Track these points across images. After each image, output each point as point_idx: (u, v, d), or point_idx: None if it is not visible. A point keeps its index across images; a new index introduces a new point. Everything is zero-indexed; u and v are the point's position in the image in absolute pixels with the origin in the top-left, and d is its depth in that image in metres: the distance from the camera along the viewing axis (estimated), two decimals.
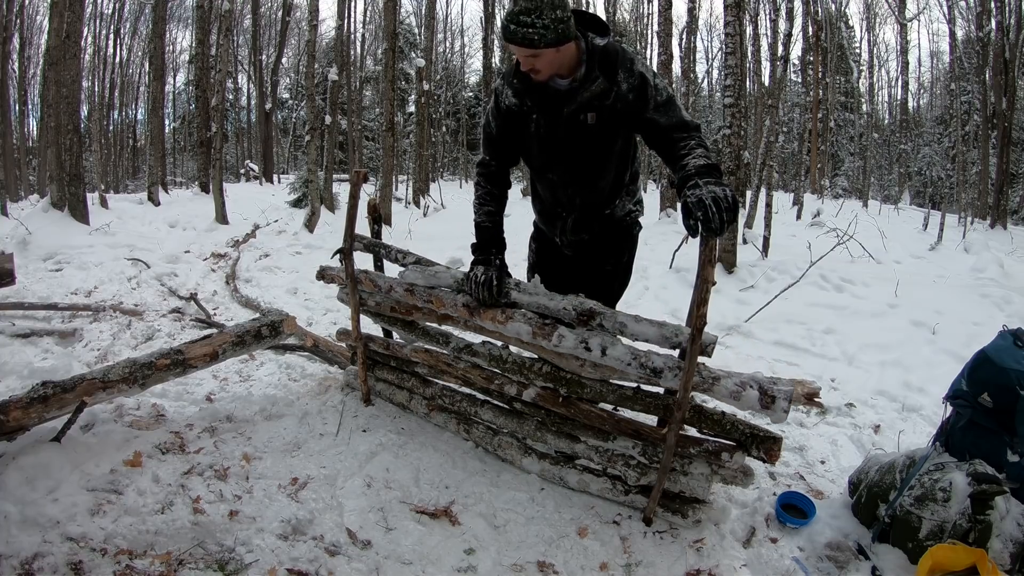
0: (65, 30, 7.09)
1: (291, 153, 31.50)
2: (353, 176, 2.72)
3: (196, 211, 9.33)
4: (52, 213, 6.97)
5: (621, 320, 2.01)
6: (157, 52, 12.79)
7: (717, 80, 29.59)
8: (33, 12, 21.17)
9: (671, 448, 2.00)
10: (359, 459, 2.45)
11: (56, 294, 4.74)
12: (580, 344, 2.05)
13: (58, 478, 2.06)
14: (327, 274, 2.89)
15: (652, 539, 2.10)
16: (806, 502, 2.23)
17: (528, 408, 2.41)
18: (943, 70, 23.27)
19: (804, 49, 13.07)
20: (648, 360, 1.97)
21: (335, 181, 11.98)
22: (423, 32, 19.99)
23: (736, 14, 6.01)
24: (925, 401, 3.27)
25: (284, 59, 26.44)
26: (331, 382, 3.17)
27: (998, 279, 5.90)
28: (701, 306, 1.79)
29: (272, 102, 24.35)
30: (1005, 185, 12.83)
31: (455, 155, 31.86)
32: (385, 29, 9.74)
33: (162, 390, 2.86)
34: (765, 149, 8.17)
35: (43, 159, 15.91)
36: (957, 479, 1.89)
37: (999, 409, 1.99)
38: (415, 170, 14.50)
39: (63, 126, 7.15)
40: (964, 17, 16.12)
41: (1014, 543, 1.82)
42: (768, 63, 14.12)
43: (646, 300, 5.24)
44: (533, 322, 2.15)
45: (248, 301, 4.85)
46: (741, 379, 1.90)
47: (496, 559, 1.99)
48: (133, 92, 27.23)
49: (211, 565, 1.84)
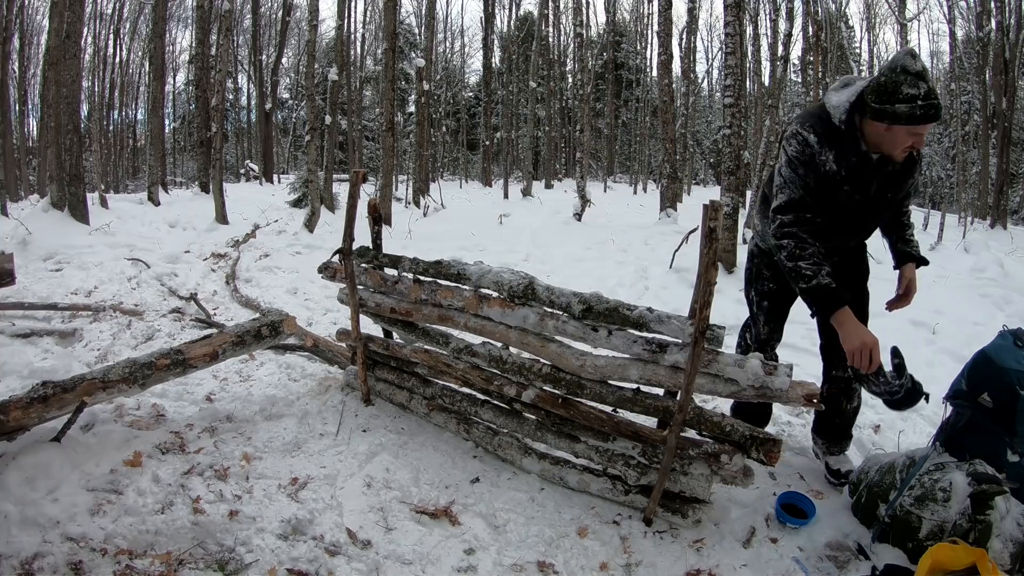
0: (65, 30, 7.09)
1: (291, 153, 31.51)
2: (353, 176, 2.73)
3: (196, 211, 9.33)
4: (52, 213, 6.97)
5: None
6: (157, 52, 12.80)
7: (717, 80, 29.61)
8: (33, 12, 21.19)
9: (671, 449, 2.01)
10: (359, 459, 2.45)
11: (56, 294, 4.74)
12: (587, 327, 2.10)
13: (58, 478, 2.06)
14: (329, 266, 2.90)
15: (652, 539, 2.10)
16: (806, 502, 2.23)
17: (528, 408, 2.41)
18: (943, 70, 23.24)
19: (804, 49, 13.05)
20: (653, 337, 2.01)
21: (335, 181, 11.98)
22: (423, 32, 20.00)
23: (736, 14, 6.01)
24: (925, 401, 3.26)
25: (284, 59, 26.46)
26: (331, 382, 3.16)
27: (998, 279, 5.90)
28: (704, 308, 1.79)
29: (272, 102, 24.36)
30: (1005, 185, 12.83)
31: (455, 155, 31.86)
32: (385, 29, 9.74)
33: (162, 390, 2.86)
34: (765, 149, 8.16)
35: (43, 159, 15.90)
36: (957, 479, 1.89)
37: (999, 409, 1.99)
38: (415, 170, 14.50)
39: (63, 126, 7.15)
40: (964, 17, 16.12)
41: (1014, 543, 1.82)
42: (768, 63, 14.12)
43: (646, 300, 5.23)
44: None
45: (248, 301, 4.85)
46: (739, 356, 1.95)
47: (496, 559, 1.99)
48: (133, 92, 27.23)
49: (211, 565, 1.84)
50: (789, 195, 2.05)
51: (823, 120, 2.02)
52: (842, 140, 2.00)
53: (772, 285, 2.48)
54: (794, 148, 2.04)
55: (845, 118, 1.96)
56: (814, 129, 2.02)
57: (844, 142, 2.00)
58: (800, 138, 2.03)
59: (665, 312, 1.99)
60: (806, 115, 2.10)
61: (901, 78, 1.82)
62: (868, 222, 2.21)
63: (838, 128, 1.98)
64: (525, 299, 2.28)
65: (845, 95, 1.98)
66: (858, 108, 1.95)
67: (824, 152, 2.01)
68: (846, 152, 2.00)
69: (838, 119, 1.98)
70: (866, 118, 1.93)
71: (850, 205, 2.08)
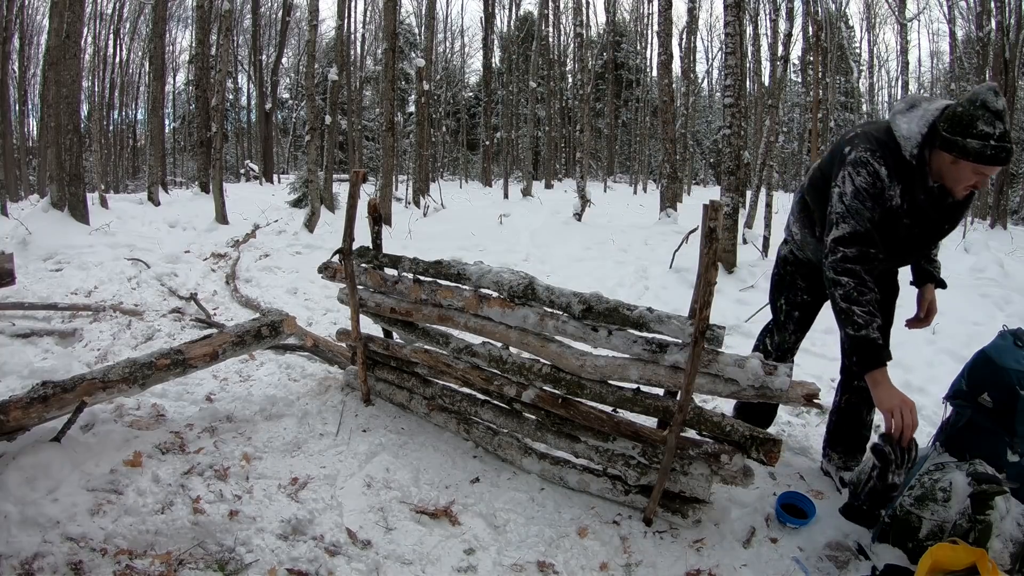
0: (65, 30, 7.09)
1: (291, 153, 31.52)
2: (353, 176, 2.72)
3: (196, 211, 9.34)
4: (52, 213, 6.97)
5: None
6: (157, 52, 12.79)
7: (717, 80, 29.63)
8: (33, 12, 21.19)
9: (671, 450, 2.00)
10: (359, 459, 2.45)
11: (56, 294, 4.74)
12: (587, 327, 2.10)
13: (58, 478, 2.06)
14: (329, 266, 2.90)
15: (652, 539, 2.10)
16: (806, 502, 2.23)
17: (528, 408, 2.41)
18: (943, 70, 23.27)
19: (804, 49, 13.05)
20: (653, 338, 2.01)
21: (335, 181, 11.99)
22: (423, 32, 20.00)
23: (736, 14, 6.01)
24: (925, 401, 3.26)
25: (284, 59, 26.47)
26: (331, 382, 3.16)
27: (998, 279, 5.90)
28: (704, 308, 1.79)
29: (272, 102, 24.37)
30: (1005, 185, 12.82)
31: (455, 155, 31.88)
32: (385, 29, 9.74)
33: (162, 390, 2.86)
34: (765, 149, 8.16)
35: (43, 159, 15.91)
36: (957, 479, 1.89)
37: (999, 409, 1.99)
38: (415, 170, 14.50)
39: (63, 126, 7.15)
40: (964, 17, 16.12)
41: (1014, 543, 1.82)
42: (768, 63, 14.11)
43: (646, 300, 5.23)
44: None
45: (248, 301, 4.85)
46: (739, 356, 1.94)
47: (496, 559, 1.99)
48: (133, 92, 27.24)
49: (211, 565, 1.84)
50: (854, 227, 1.92)
51: (893, 152, 1.92)
52: (911, 175, 1.92)
53: (806, 296, 2.42)
54: (864, 179, 1.92)
55: (917, 152, 1.88)
56: (885, 162, 1.91)
57: (913, 177, 1.92)
58: (871, 169, 1.91)
59: (665, 312, 1.99)
60: (875, 141, 1.95)
61: (979, 113, 1.75)
62: (918, 251, 2.17)
63: (908, 163, 1.90)
64: (525, 299, 2.28)
65: (916, 124, 1.89)
66: (929, 139, 1.87)
67: (893, 187, 1.92)
68: (913, 187, 1.93)
69: (909, 152, 1.89)
70: (935, 147, 1.85)
71: (907, 237, 2.02)
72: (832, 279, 1.96)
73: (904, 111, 1.95)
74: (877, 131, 1.99)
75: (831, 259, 1.96)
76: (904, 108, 1.96)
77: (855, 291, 1.90)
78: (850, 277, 1.91)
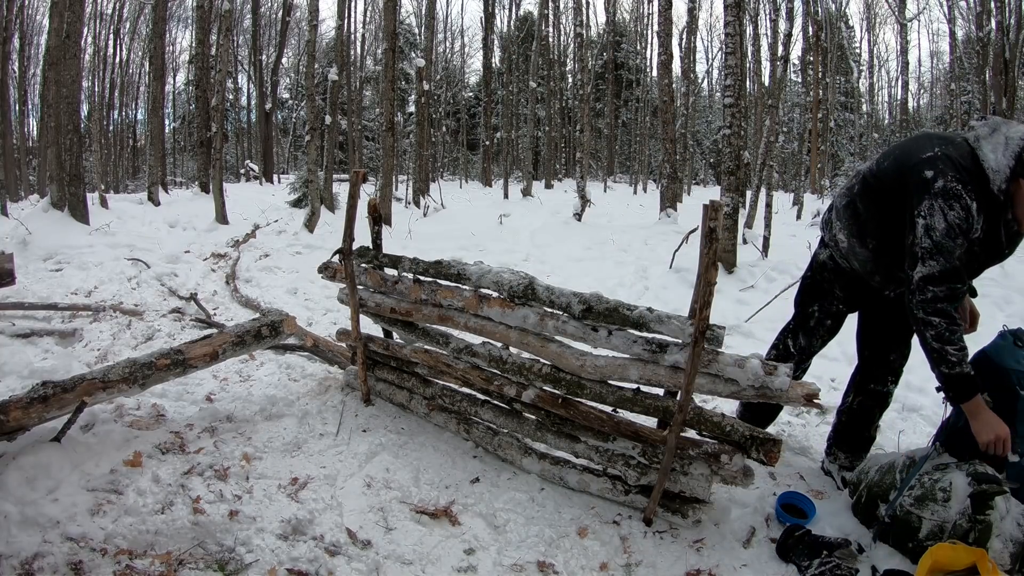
0: (65, 30, 7.09)
1: (291, 153, 31.51)
2: (353, 176, 2.73)
3: (196, 211, 9.33)
4: (52, 213, 6.97)
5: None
6: (157, 52, 12.79)
7: (717, 80, 29.65)
8: (33, 12, 21.19)
9: (672, 450, 2.00)
10: (359, 459, 2.45)
11: (56, 294, 4.74)
12: (587, 327, 2.10)
13: (58, 478, 2.06)
14: (329, 266, 2.90)
15: (652, 539, 2.10)
16: (806, 502, 2.23)
17: (528, 408, 2.41)
18: (943, 70, 23.30)
19: (804, 49, 13.06)
20: (653, 338, 2.01)
21: (335, 181, 11.98)
22: (423, 32, 20.00)
23: (736, 14, 6.01)
24: (925, 401, 3.26)
25: (284, 59, 26.47)
26: (331, 382, 3.16)
27: (998, 279, 5.89)
28: (704, 308, 1.79)
29: (272, 102, 24.37)
30: None
31: (455, 155, 31.87)
32: (385, 29, 9.74)
33: (162, 390, 2.86)
34: (765, 149, 8.17)
35: (43, 159, 15.91)
36: (957, 479, 1.89)
37: (999, 409, 1.98)
38: (415, 170, 14.50)
39: (63, 126, 7.15)
40: (964, 17, 16.13)
41: (1014, 543, 1.82)
42: (768, 63, 14.12)
43: (646, 300, 5.23)
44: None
45: (248, 301, 4.85)
46: (739, 356, 1.94)
47: (496, 559, 1.99)
48: (133, 92, 27.24)
49: (211, 565, 1.84)
50: (943, 266, 1.86)
51: (981, 184, 1.86)
52: (996, 209, 1.89)
53: (842, 307, 2.39)
54: (956, 215, 1.83)
55: (1006, 187, 1.84)
56: (975, 196, 1.85)
57: (996, 211, 1.89)
58: (964, 203, 1.83)
59: (665, 312, 1.99)
60: (964, 172, 1.87)
61: None
62: (978, 274, 2.13)
63: (996, 197, 1.86)
64: (525, 299, 2.28)
65: (1003, 156, 1.84)
66: (1017, 171, 1.84)
67: (979, 220, 1.87)
68: (995, 221, 1.90)
69: (998, 187, 1.85)
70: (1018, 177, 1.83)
71: (971, 262, 1.98)
72: (922, 319, 1.91)
73: (988, 136, 1.90)
74: (962, 157, 1.90)
75: (919, 298, 1.91)
76: (988, 133, 1.91)
77: (947, 331, 1.87)
78: (941, 318, 1.88)
